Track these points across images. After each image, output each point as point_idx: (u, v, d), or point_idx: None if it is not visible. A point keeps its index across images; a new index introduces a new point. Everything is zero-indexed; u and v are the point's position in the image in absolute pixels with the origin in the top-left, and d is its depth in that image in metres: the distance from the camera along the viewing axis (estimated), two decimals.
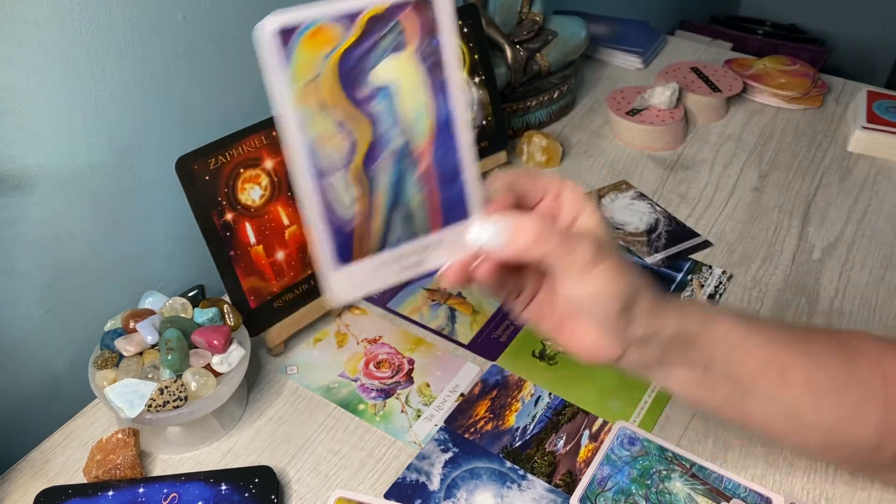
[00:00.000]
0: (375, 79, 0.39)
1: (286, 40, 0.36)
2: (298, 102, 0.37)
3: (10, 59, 0.56)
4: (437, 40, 0.40)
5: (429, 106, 0.41)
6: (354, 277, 0.42)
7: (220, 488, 0.58)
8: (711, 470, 0.61)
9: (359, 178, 0.40)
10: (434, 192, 0.42)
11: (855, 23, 2.35)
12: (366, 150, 0.40)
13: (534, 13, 1.03)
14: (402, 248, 0.42)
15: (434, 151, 0.41)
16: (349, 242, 0.41)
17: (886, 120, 1.03)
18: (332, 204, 0.40)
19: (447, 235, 0.43)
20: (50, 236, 0.64)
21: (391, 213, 0.41)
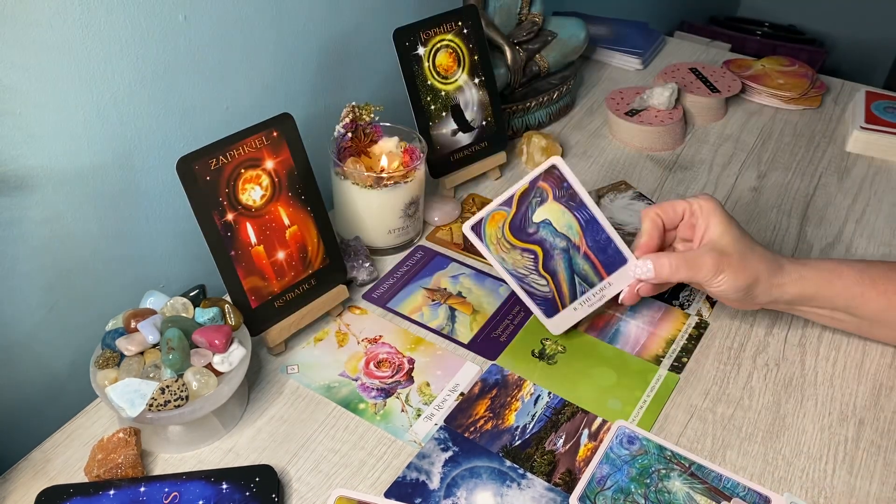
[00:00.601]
0: (534, 219, 0.68)
1: (477, 230, 0.69)
2: (495, 252, 0.69)
3: (11, 59, 0.56)
4: (566, 184, 0.67)
5: (574, 219, 0.68)
6: (562, 318, 0.71)
7: (221, 487, 0.58)
8: (710, 469, 0.61)
9: (545, 270, 0.69)
10: (596, 259, 0.68)
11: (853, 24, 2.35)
12: (543, 258, 0.69)
13: (533, 14, 1.03)
14: (587, 295, 0.69)
15: (587, 238, 0.68)
16: (553, 304, 0.70)
17: (885, 120, 1.03)
18: (534, 290, 0.70)
19: (614, 277, 0.68)
20: (51, 236, 0.64)
21: (573, 281, 0.69)
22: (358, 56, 0.92)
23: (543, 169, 0.68)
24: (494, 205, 0.68)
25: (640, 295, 0.68)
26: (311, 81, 0.86)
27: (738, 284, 0.64)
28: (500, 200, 0.68)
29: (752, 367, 0.71)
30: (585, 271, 0.68)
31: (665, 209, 0.67)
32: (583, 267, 0.68)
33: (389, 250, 0.83)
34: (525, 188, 0.68)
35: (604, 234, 0.68)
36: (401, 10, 0.94)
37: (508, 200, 0.68)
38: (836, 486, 0.61)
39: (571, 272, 0.68)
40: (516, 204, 0.68)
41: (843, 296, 0.65)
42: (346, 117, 0.78)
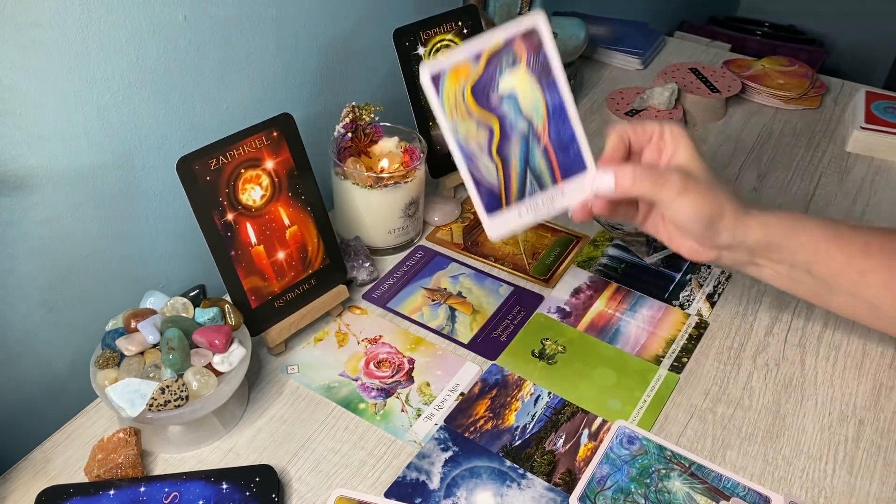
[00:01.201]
0: (501, 89, 0.57)
1: (436, 82, 0.56)
2: (449, 116, 0.57)
3: (11, 59, 0.56)
4: (544, 53, 0.57)
5: (542, 99, 0.58)
6: (502, 220, 0.59)
7: (222, 487, 0.58)
8: (710, 469, 0.61)
9: (498, 154, 0.58)
10: (555, 157, 0.59)
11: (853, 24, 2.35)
12: (499, 138, 0.58)
13: None
14: (536, 198, 0.59)
15: (551, 128, 0.59)
16: (497, 198, 0.59)
17: (885, 120, 1.03)
18: (481, 174, 0.58)
19: (569, 184, 0.59)
20: (51, 237, 0.64)
21: (524, 176, 0.59)
22: (358, 56, 0.92)
23: (523, 29, 0.57)
24: (462, 53, 0.56)
25: (594, 212, 0.60)
26: (311, 81, 0.86)
27: (702, 212, 0.57)
28: (469, 50, 0.56)
29: (752, 367, 0.71)
30: (540, 169, 0.59)
31: (635, 127, 0.61)
32: (539, 162, 0.59)
33: (389, 250, 0.83)
34: (498, 46, 0.56)
35: (570, 129, 0.59)
36: (401, 10, 0.94)
37: (477, 56, 0.56)
38: (836, 486, 0.61)
39: (525, 165, 0.59)
40: (485, 63, 0.57)
41: (805, 249, 0.60)
42: (346, 117, 0.78)
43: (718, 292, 0.80)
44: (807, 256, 0.60)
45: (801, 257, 0.60)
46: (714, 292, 0.79)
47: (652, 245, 0.85)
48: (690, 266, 0.83)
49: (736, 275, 0.82)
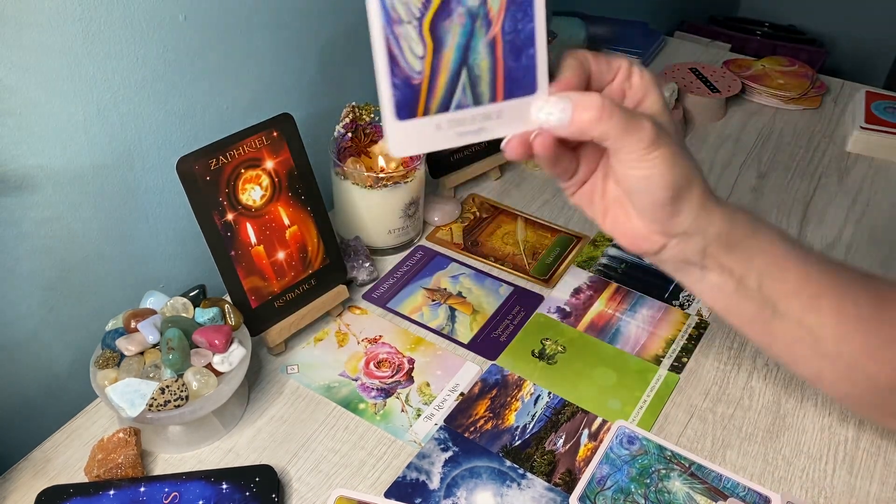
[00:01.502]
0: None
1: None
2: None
3: (11, 59, 0.56)
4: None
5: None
6: (414, 133, 0.43)
7: (221, 487, 0.58)
8: (710, 469, 0.61)
9: (431, 32, 0.41)
10: (502, 61, 0.43)
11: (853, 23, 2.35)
12: (439, 4, 0.41)
13: None
14: (465, 113, 0.43)
15: (507, 17, 0.42)
16: (413, 98, 0.42)
17: (885, 120, 1.03)
18: (402, 55, 0.41)
19: (510, 107, 0.44)
20: (51, 236, 0.64)
21: (457, 75, 0.42)
22: (358, 56, 0.91)
23: None
24: None
25: (534, 151, 0.45)
26: (311, 81, 0.86)
27: (672, 176, 0.44)
28: None
29: (752, 367, 0.71)
30: (480, 72, 0.42)
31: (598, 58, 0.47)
32: (480, 61, 0.42)
33: (389, 250, 0.83)
34: None
35: (530, 25, 0.42)
36: None
37: None
38: (836, 486, 0.61)
39: (462, 59, 0.42)
40: None
41: (763, 256, 0.49)
42: (346, 117, 0.78)
43: None
44: (762, 265, 0.49)
45: (757, 265, 0.49)
46: None
47: None
48: None
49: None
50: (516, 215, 0.90)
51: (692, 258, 0.49)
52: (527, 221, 0.89)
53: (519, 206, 0.91)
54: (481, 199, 0.92)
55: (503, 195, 0.93)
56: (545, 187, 0.95)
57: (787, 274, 0.50)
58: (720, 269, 0.49)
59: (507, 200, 0.92)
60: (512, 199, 0.92)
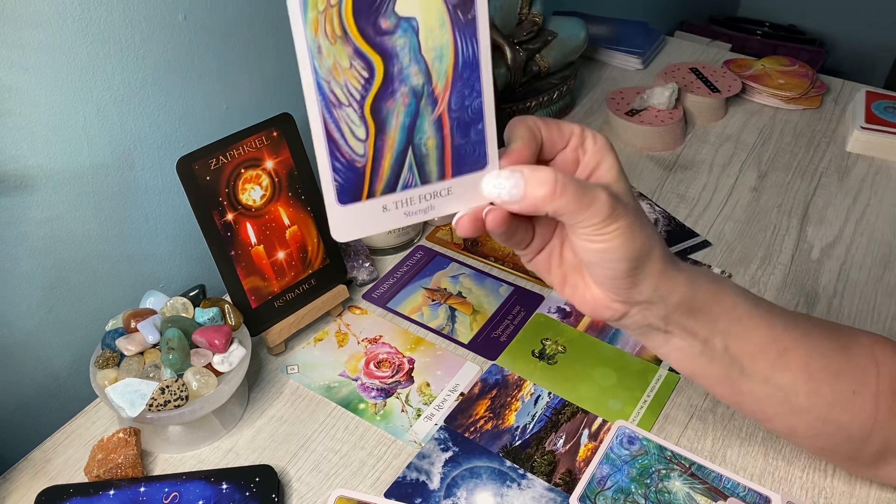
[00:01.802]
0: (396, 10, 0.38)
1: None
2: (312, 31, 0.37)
3: (11, 59, 0.56)
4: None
5: (452, 44, 0.40)
6: (359, 216, 0.41)
7: (221, 487, 0.58)
8: (710, 469, 0.61)
9: (372, 113, 0.39)
10: (449, 138, 0.41)
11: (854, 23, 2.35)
12: (380, 85, 0.39)
13: (533, 14, 1.03)
14: (412, 192, 0.41)
15: (454, 94, 0.41)
16: (357, 181, 0.40)
17: (885, 120, 1.03)
18: (343, 138, 0.39)
19: (460, 183, 0.42)
20: (51, 236, 0.64)
21: (402, 155, 0.41)
22: None
23: None
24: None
25: (487, 226, 0.44)
26: None
27: (631, 247, 0.43)
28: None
29: None
30: (427, 150, 0.41)
31: (548, 123, 0.45)
32: (427, 139, 0.41)
33: (389, 250, 0.83)
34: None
35: (478, 100, 0.41)
36: None
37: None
38: (836, 487, 0.61)
39: (407, 139, 0.40)
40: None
41: (728, 317, 0.49)
42: None
43: None
44: (727, 325, 0.48)
45: (722, 326, 0.48)
46: None
47: None
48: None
49: (736, 275, 0.82)
50: None
51: (655, 324, 0.48)
52: None
53: None
54: None
55: None
56: None
57: (752, 333, 0.49)
58: (684, 332, 0.48)
59: None
60: None
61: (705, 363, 0.50)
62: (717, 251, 0.85)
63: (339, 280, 0.75)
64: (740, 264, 0.83)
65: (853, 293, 0.80)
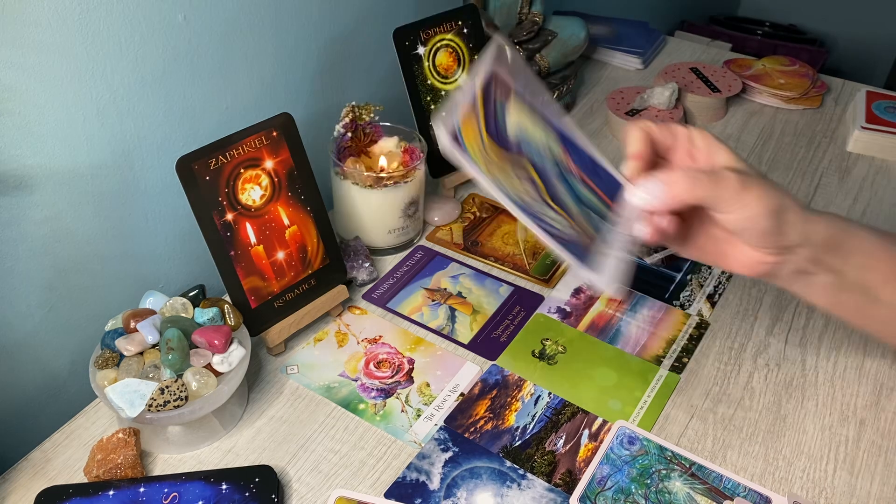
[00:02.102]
0: (511, 128, 0.53)
1: (457, 140, 0.51)
2: (485, 169, 0.51)
3: (11, 59, 0.56)
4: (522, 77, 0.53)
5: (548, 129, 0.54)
6: (604, 267, 0.53)
7: (221, 488, 0.58)
8: (711, 469, 0.61)
9: (553, 200, 0.53)
10: (594, 185, 0.54)
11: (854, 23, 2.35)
12: (542, 181, 0.53)
13: (533, 14, 1.03)
14: (608, 230, 0.54)
15: (574, 160, 0.54)
16: (581, 244, 0.53)
17: (885, 120, 1.03)
18: (552, 226, 0.52)
19: (621, 208, 0.54)
20: (50, 236, 0.64)
21: (586, 212, 0.53)
22: (358, 56, 0.91)
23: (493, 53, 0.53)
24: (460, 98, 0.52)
25: (666, 229, 0.53)
26: (311, 81, 0.86)
27: (769, 204, 0.51)
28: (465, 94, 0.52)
29: (752, 368, 0.71)
30: (591, 201, 0.53)
31: (658, 125, 0.55)
32: (586, 195, 0.53)
33: (389, 250, 0.83)
34: (482, 80, 0.52)
35: (585, 153, 0.54)
36: (401, 10, 0.94)
37: (472, 99, 0.52)
38: (836, 487, 0.61)
39: (580, 203, 0.53)
40: (482, 103, 0.52)
41: (860, 250, 0.56)
42: (346, 117, 0.78)
43: (719, 292, 0.79)
44: (860, 259, 0.56)
45: (855, 260, 0.56)
46: (715, 292, 0.79)
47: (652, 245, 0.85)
48: (691, 266, 0.83)
49: (737, 275, 0.81)
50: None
51: (803, 266, 0.55)
52: None
53: None
54: (481, 199, 0.92)
55: None
56: None
57: (881, 264, 0.56)
58: (826, 270, 0.56)
59: None
60: None
61: (842, 295, 0.58)
62: None
63: (338, 280, 0.75)
64: None
65: None
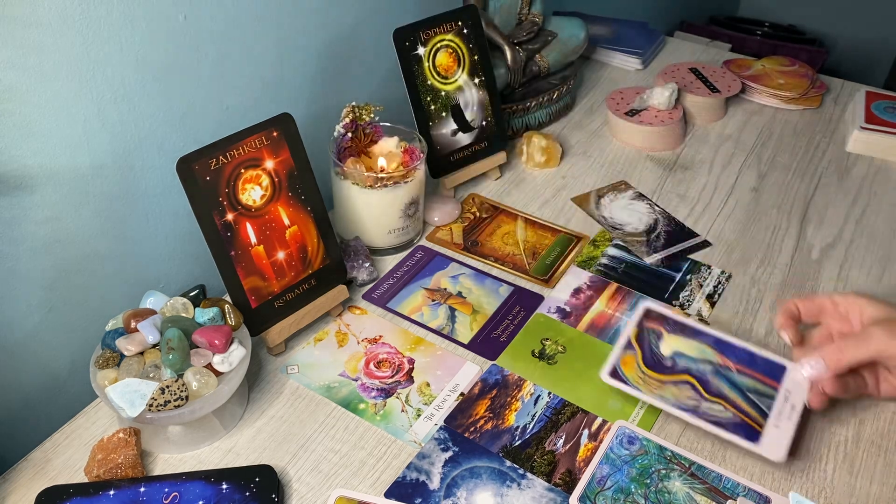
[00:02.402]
0: (666, 354, 0.66)
1: (618, 376, 0.64)
2: (650, 393, 0.63)
3: (11, 59, 0.56)
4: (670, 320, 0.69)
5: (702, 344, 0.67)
6: (774, 441, 0.61)
7: (221, 487, 0.58)
8: (710, 469, 0.61)
9: (714, 395, 0.64)
10: (751, 371, 0.65)
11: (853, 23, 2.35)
12: (698, 383, 0.64)
13: (533, 14, 1.03)
14: (776, 407, 0.63)
15: (729, 357, 0.66)
16: (749, 427, 0.62)
17: (885, 120, 1.03)
18: (720, 417, 0.62)
19: (788, 385, 0.64)
20: (51, 236, 0.64)
21: (748, 399, 0.63)
22: (358, 56, 0.92)
23: (641, 314, 0.69)
24: (617, 350, 0.66)
25: (830, 394, 0.63)
26: (311, 81, 0.86)
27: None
28: (619, 344, 0.67)
29: None
30: (754, 386, 0.64)
31: (801, 300, 0.67)
32: (748, 383, 0.64)
33: (389, 250, 0.83)
34: (636, 331, 0.68)
35: (741, 350, 0.66)
36: (401, 10, 0.94)
37: (628, 343, 0.67)
38: (836, 487, 0.61)
39: (740, 391, 0.64)
40: (637, 345, 0.67)
41: None
42: (346, 117, 0.78)
43: (718, 292, 0.79)
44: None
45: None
46: (714, 292, 0.79)
47: (652, 245, 0.85)
48: (691, 266, 0.83)
49: (736, 275, 0.82)
50: (516, 215, 0.90)
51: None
52: (527, 221, 0.89)
53: (519, 206, 0.91)
54: (481, 199, 0.92)
55: (503, 195, 0.93)
56: (545, 187, 0.95)
57: None
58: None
59: (507, 200, 0.92)
60: (512, 199, 0.92)
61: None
62: (717, 251, 0.85)
63: (339, 280, 0.75)
64: (740, 264, 0.83)
65: None
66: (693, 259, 0.84)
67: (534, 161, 0.97)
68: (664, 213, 0.90)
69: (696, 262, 0.83)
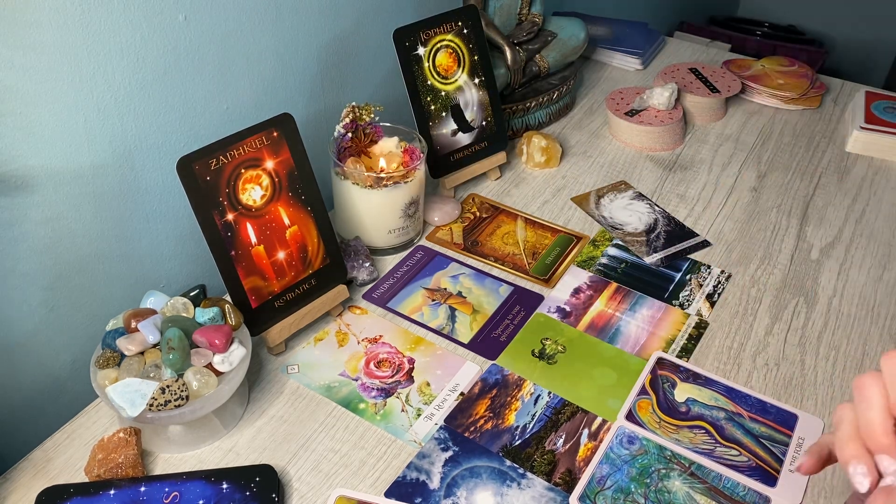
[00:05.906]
0: (679, 400, 0.67)
1: (634, 419, 0.65)
2: (665, 435, 0.64)
3: (11, 60, 0.56)
4: (682, 368, 0.70)
5: (712, 390, 0.68)
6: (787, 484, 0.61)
7: (222, 487, 0.58)
8: (710, 469, 0.61)
9: (726, 440, 0.64)
10: (764, 420, 0.65)
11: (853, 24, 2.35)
12: (712, 428, 0.65)
13: (533, 14, 1.03)
14: (789, 453, 0.63)
15: (740, 404, 0.67)
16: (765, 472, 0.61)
17: (884, 120, 1.03)
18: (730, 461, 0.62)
19: (801, 432, 0.65)
20: (51, 236, 0.64)
21: (762, 445, 0.63)
22: (358, 56, 0.92)
23: (654, 363, 0.70)
24: (633, 396, 0.67)
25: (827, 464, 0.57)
26: (311, 81, 0.86)
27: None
28: (635, 391, 0.67)
29: (751, 367, 0.71)
30: (767, 433, 0.64)
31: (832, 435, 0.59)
32: (760, 430, 0.65)
33: (389, 250, 0.83)
34: (649, 378, 0.69)
35: (751, 398, 0.67)
36: (401, 10, 0.94)
37: (642, 389, 0.68)
38: (836, 487, 0.61)
39: (754, 436, 0.64)
40: (651, 391, 0.68)
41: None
42: (346, 117, 0.78)
43: (718, 292, 0.80)
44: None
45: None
46: (714, 292, 0.79)
47: (652, 245, 0.85)
48: (691, 265, 0.83)
49: (735, 275, 0.82)
50: (516, 215, 0.90)
51: None
52: (527, 221, 0.89)
53: (519, 206, 0.91)
54: (481, 199, 0.92)
55: (503, 195, 0.93)
56: (545, 187, 0.95)
57: None
58: None
59: (507, 200, 0.92)
60: (512, 199, 0.92)
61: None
62: (717, 251, 0.85)
63: (339, 280, 0.75)
64: (740, 264, 0.83)
65: (853, 293, 0.80)
66: (693, 259, 0.84)
67: (534, 161, 0.97)
68: (664, 212, 0.90)
69: (695, 261, 0.83)
